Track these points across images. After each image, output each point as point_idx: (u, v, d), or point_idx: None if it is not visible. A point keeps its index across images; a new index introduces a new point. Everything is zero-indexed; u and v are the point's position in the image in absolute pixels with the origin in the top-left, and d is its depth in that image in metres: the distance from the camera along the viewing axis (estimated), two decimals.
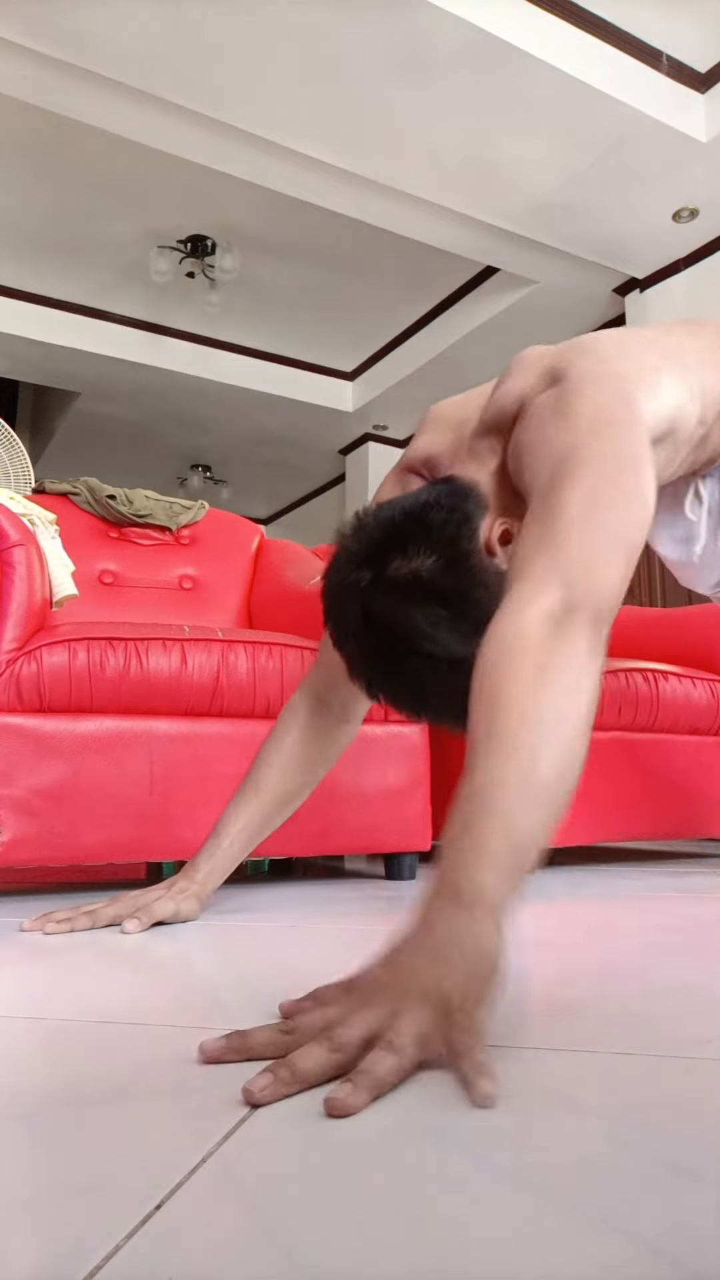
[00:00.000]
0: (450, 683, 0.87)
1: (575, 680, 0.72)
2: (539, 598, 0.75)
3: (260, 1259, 0.34)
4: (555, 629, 0.73)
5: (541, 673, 0.70)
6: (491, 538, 0.97)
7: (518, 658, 0.71)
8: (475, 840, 0.64)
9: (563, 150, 3.28)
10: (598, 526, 0.80)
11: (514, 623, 0.74)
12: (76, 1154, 0.44)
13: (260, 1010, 0.69)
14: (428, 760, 1.68)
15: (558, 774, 0.67)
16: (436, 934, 0.60)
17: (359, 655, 0.94)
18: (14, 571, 1.40)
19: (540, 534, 0.80)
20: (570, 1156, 0.43)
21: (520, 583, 0.77)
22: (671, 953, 0.95)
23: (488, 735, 0.68)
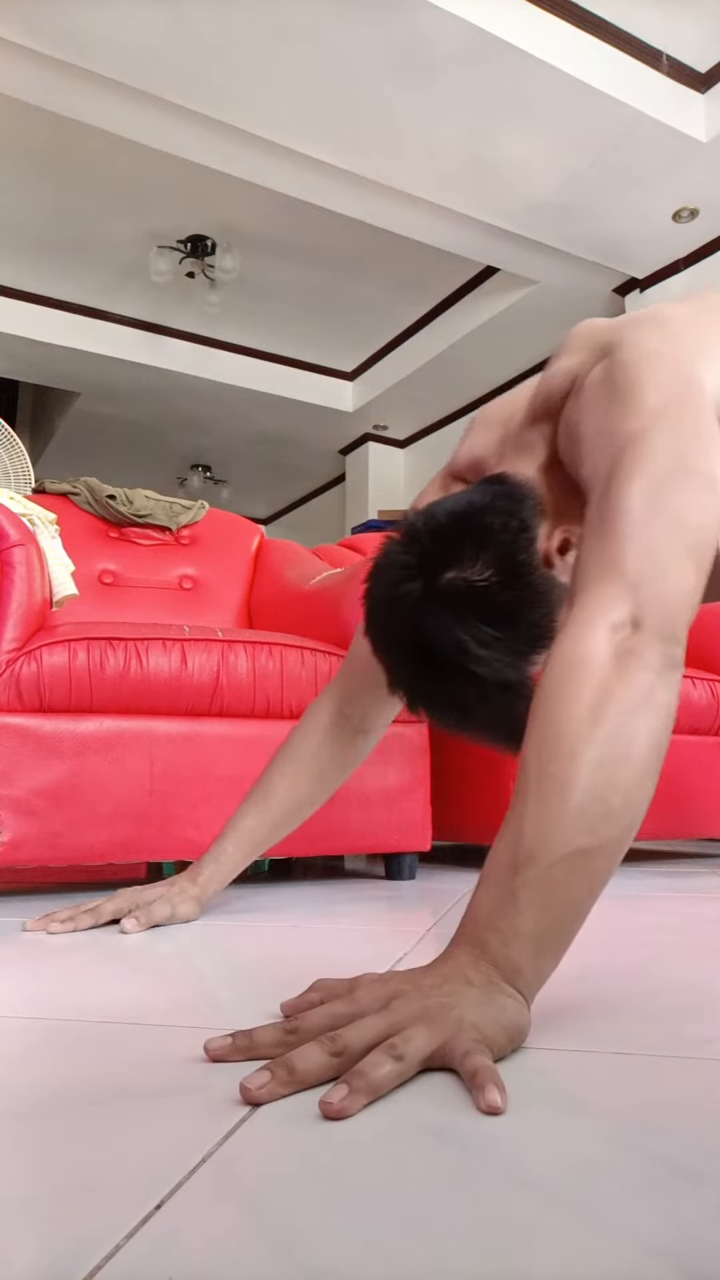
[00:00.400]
0: (499, 706, 0.83)
1: (640, 711, 0.63)
2: (601, 615, 0.67)
3: (260, 1259, 0.34)
4: (620, 650, 0.65)
5: (601, 706, 0.62)
6: (550, 547, 0.91)
7: (576, 687, 0.64)
8: (519, 912, 0.59)
9: (563, 150, 3.28)
10: (664, 527, 0.70)
11: (575, 645, 0.66)
12: (76, 1154, 0.44)
13: (260, 1010, 0.69)
14: (428, 760, 1.68)
15: (613, 830, 0.60)
16: (474, 989, 0.57)
17: (402, 671, 0.88)
18: (14, 571, 1.40)
19: (601, 540, 0.71)
20: (570, 1156, 0.43)
21: (580, 597, 0.69)
22: (671, 953, 0.95)
23: (538, 779, 0.62)
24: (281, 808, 1.15)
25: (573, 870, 0.60)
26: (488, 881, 0.62)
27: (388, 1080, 0.50)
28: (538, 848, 0.60)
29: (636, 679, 0.64)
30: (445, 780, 1.84)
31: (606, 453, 0.77)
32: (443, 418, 5.81)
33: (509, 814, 0.64)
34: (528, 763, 0.64)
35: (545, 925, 0.59)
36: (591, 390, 0.84)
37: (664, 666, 0.66)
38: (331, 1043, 0.53)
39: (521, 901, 0.59)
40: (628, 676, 0.64)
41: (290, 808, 1.15)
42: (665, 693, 0.65)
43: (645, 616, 0.67)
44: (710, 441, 0.76)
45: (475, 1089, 0.50)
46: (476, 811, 1.83)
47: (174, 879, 1.16)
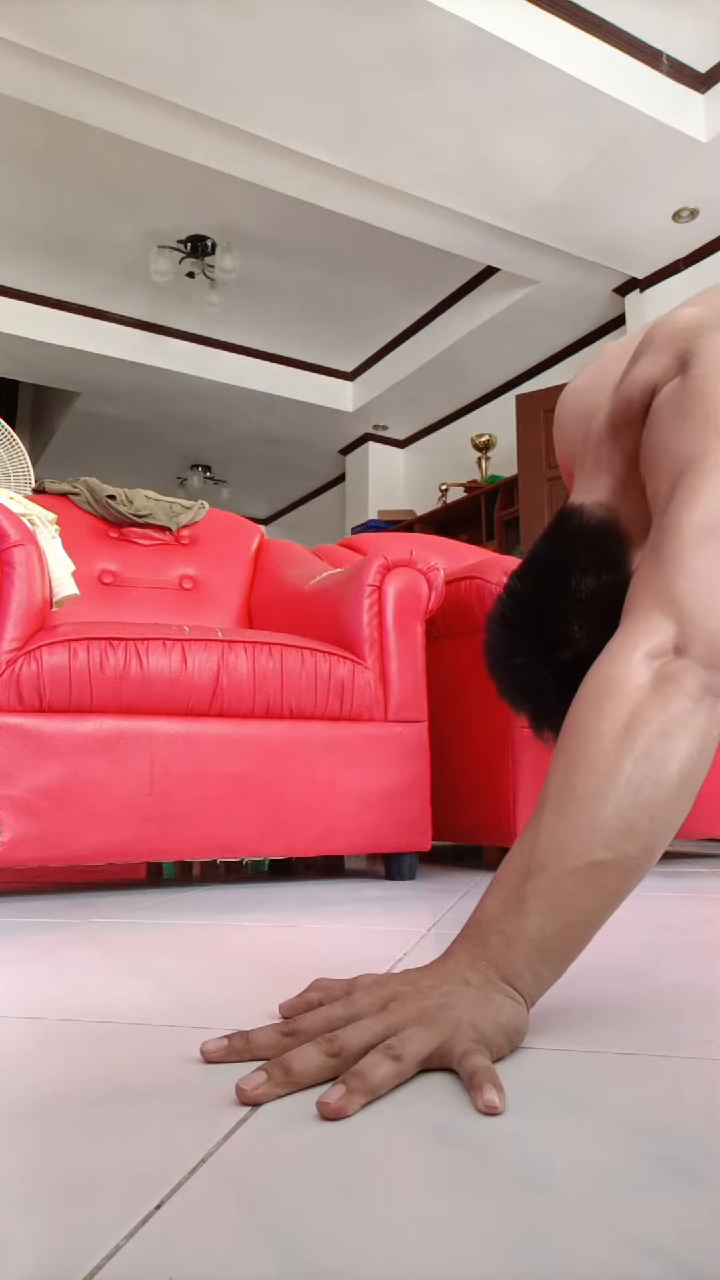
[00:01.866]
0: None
1: (671, 737, 0.62)
2: (644, 637, 0.65)
3: (260, 1259, 0.34)
4: (659, 675, 0.64)
5: (633, 727, 0.61)
6: None
7: (607, 710, 0.63)
8: (529, 920, 0.59)
9: (563, 150, 3.28)
10: (714, 553, 0.67)
11: (611, 666, 0.65)
12: (76, 1154, 0.44)
13: (260, 1010, 0.69)
14: (428, 760, 1.68)
15: (633, 849, 0.59)
16: (473, 989, 0.57)
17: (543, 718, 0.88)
18: (14, 571, 1.40)
19: (654, 564, 0.70)
20: (570, 1156, 0.43)
21: (627, 620, 0.68)
22: (671, 953, 0.95)
23: (560, 790, 0.62)
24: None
25: (585, 883, 0.59)
26: (497, 885, 0.62)
27: (385, 1081, 0.50)
28: (550, 857, 0.60)
29: (674, 703, 0.63)
30: (445, 780, 1.84)
31: (667, 475, 0.75)
32: (443, 418, 5.81)
33: (528, 823, 0.63)
34: (553, 775, 0.63)
35: (550, 932, 0.59)
36: (664, 408, 0.80)
37: (704, 694, 0.64)
38: (329, 1044, 0.53)
39: (529, 906, 0.59)
40: (665, 700, 0.63)
41: None
42: (703, 720, 0.63)
43: (689, 644, 0.65)
44: None
45: (473, 1089, 0.50)
46: (476, 811, 1.83)
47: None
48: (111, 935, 1.06)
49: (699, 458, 0.71)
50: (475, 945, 0.61)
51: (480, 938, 0.61)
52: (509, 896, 0.61)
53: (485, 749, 1.82)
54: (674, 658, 0.64)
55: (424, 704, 1.69)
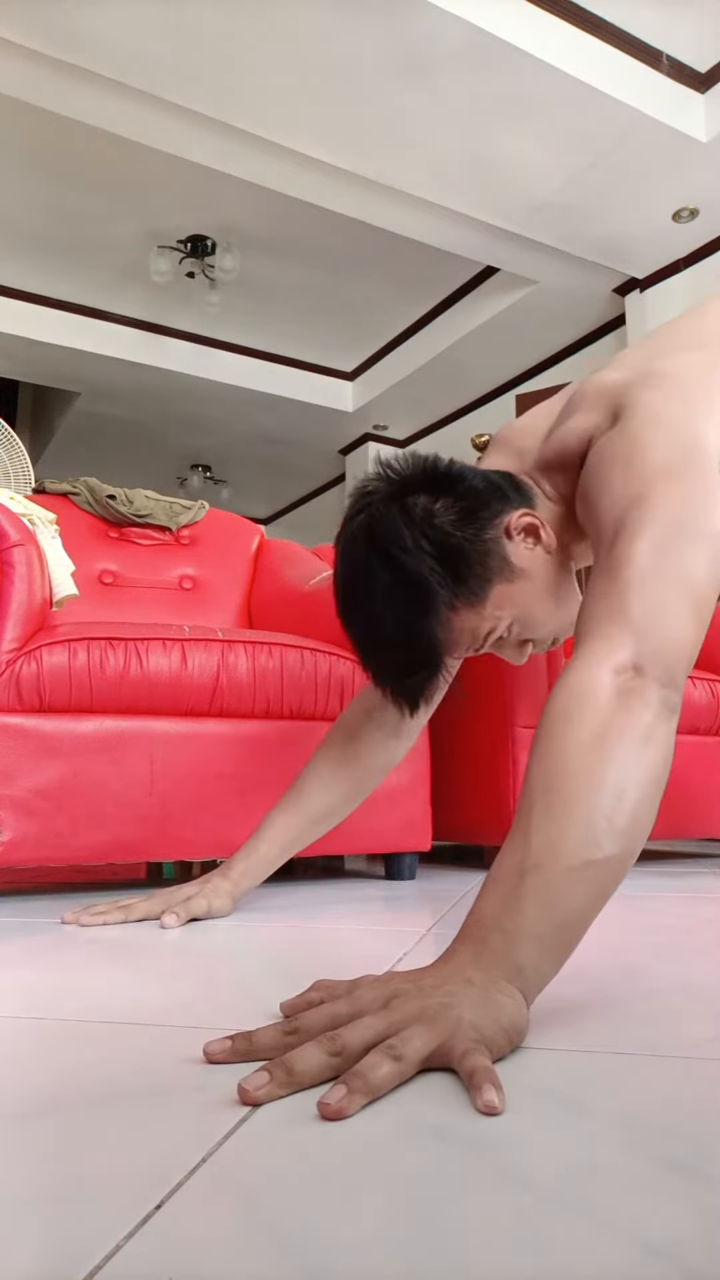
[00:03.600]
0: (405, 616, 0.91)
1: (641, 746, 0.67)
2: (606, 657, 0.71)
3: (260, 1259, 0.34)
4: (622, 690, 0.69)
5: (604, 738, 0.66)
6: (513, 523, 0.98)
7: (581, 720, 0.67)
8: (524, 915, 0.61)
9: (563, 150, 3.28)
10: (665, 580, 0.75)
11: (579, 681, 0.70)
12: (76, 1154, 0.44)
13: (260, 1010, 0.69)
14: (428, 760, 1.68)
15: (616, 848, 0.63)
16: (474, 988, 0.58)
17: (345, 559, 0.98)
18: (14, 571, 1.40)
19: (607, 589, 0.77)
20: (570, 1156, 0.43)
21: (586, 640, 0.74)
22: (671, 953, 0.95)
23: (545, 795, 0.65)
24: (314, 811, 1.19)
25: (578, 880, 0.62)
26: (493, 885, 0.64)
27: (386, 1081, 0.51)
28: (545, 857, 0.62)
29: (638, 714, 0.68)
30: (445, 780, 1.84)
31: (610, 512, 0.83)
32: (443, 418, 5.81)
33: (513, 828, 0.66)
34: (533, 781, 0.67)
35: (549, 928, 0.61)
36: (599, 460, 0.90)
37: (662, 709, 0.70)
38: (330, 1043, 0.53)
39: (527, 904, 0.61)
40: (630, 711, 0.68)
41: (324, 811, 1.20)
42: (663, 732, 0.69)
43: (646, 664, 0.71)
44: (712, 504, 0.81)
45: (473, 1089, 0.50)
46: (476, 811, 1.83)
47: (208, 876, 1.20)
48: (111, 935, 1.06)
49: (643, 496, 0.80)
50: (476, 944, 0.61)
51: (481, 936, 0.62)
52: (506, 894, 0.63)
53: (485, 749, 1.82)
54: (634, 675, 0.71)
55: None
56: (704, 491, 0.81)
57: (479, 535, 0.95)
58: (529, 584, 0.99)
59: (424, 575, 0.91)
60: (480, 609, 0.97)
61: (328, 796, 1.19)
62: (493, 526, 0.97)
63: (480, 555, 0.95)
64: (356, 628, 0.98)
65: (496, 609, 0.98)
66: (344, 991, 0.62)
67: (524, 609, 1.00)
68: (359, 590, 0.96)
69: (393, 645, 0.95)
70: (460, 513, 0.95)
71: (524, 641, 1.05)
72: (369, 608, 0.95)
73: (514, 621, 1.01)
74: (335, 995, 0.62)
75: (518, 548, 0.99)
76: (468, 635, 0.99)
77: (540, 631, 1.04)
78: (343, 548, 0.99)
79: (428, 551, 0.92)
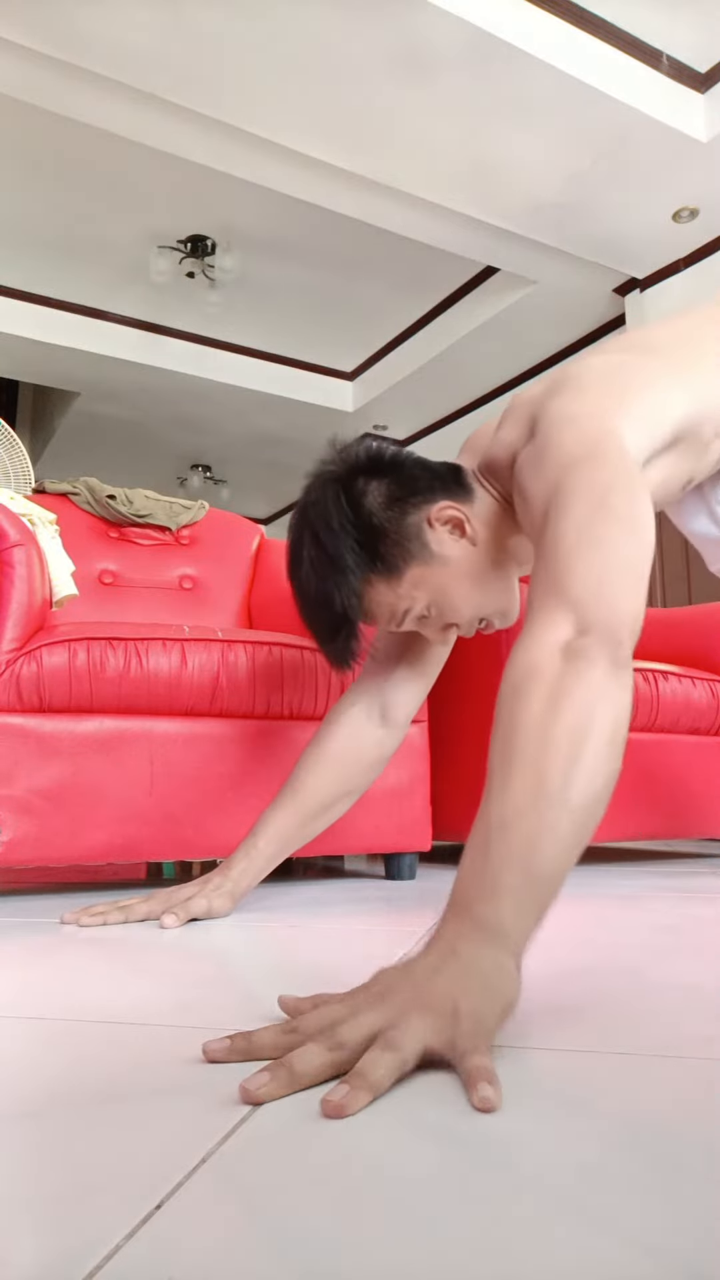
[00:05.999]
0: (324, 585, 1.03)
1: (592, 704, 0.70)
2: (549, 630, 0.76)
3: (260, 1259, 0.34)
4: (567, 656, 0.73)
5: (555, 700, 0.70)
6: (435, 514, 1.07)
7: (531, 688, 0.71)
8: (498, 873, 0.63)
9: (563, 150, 3.28)
10: (595, 552, 0.80)
11: (526, 656, 0.74)
12: (76, 1154, 0.44)
13: (260, 1010, 0.69)
14: (428, 760, 1.68)
15: (581, 801, 0.65)
16: (460, 959, 0.60)
17: (290, 533, 1.09)
18: (14, 571, 1.40)
19: (544, 570, 0.82)
20: (570, 1156, 0.43)
21: (531, 619, 0.79)
22: (671, 953, 0.95)
23: (505, 762, 0.68)
24: (311, 805, 1.22)
25: (543, 832, 0.64)
26: (467, 855, 0.67)
27: (388, 1075, 0.51)
28: (508, 814, 0.65)
29: (586, 674, 0.72)
30: (445, 780, 1.84)
31: (538, 510, 0.89)
32: (443, 418, 5.81)
33: (483, 800, 0.69)
34: (494, 753, 0.71)
35: (522, 881, 0.63)
36: (525, 467, 0.97)
37: (611, 664, 0.74)
38: (329, 1038, 0.54)
39: (497, 862, 0.64)
40: (578, 672, 0.72)
41: (320, 804, 1.23)
42: (614, 686, 0.73)
43: (589, 626, 0.76)
44: (627, 481, 0.86)
45: (469, 1087, 0.50)
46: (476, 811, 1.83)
47: (208, 876, 1.20)
48: (111, 935, 1.06)
49: (559, 485, 0.87)
50: (458, 916, 0.64)
51: (462, 907, 0.64)
52: (478, 858, 0.65)
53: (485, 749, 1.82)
54: (576, 641, 0.74)
55: (424, 704, 1.69)
56: (615, 473, 0.86)
57: (402, 519, 1.05)
58: (446, 570, 1.07)
59: (342, 552, 1.02)
60: (396, 585, 1.06)
61: (322, 791, 1.22)
62: (417, 511, 1.06)
63: (400, 537, 1.04)
64: (295, 592, 1.10)
65: (412, 588, 1.06)
66: (342, 998, 0.63)
67: (439, 593, 1.08)
68: (295, 560, 1.08)
69: (316, 609, 1.06)
70: (389, 496, 1.05)
71: (447, 625, 1.12)
72: (300, 577, 1.07)
73: (430, 604, 1.08)
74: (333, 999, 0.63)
75: (439, 535, 1.07)
76: (385, 609, 1.08)
77: (459, 616, 1.10)
78: (292, 520, 1.11)
79: (351, 534, 1.03)
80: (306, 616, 1.10)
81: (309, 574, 1.06)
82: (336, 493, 1.05)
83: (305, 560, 1.06)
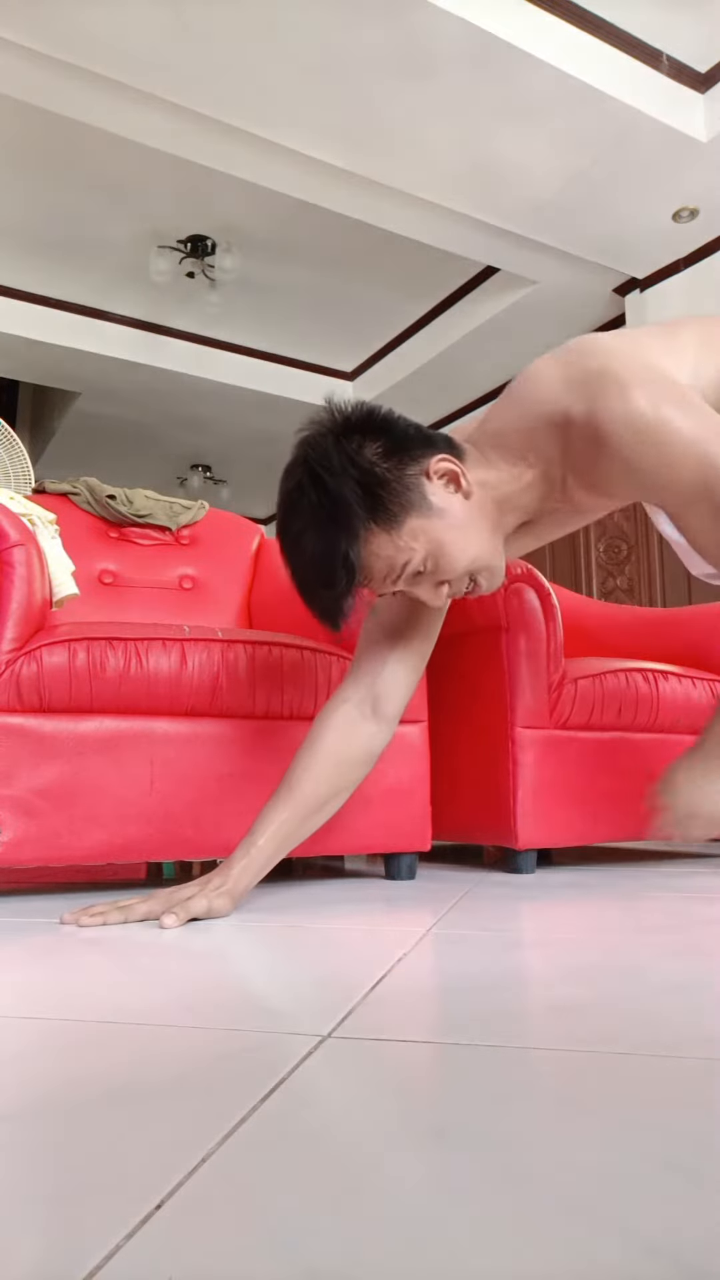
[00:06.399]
0: (326, 532, 1.03)
1: None
2: None
3: (260, 1259, 0.34)
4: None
5: None
6: (433, 466, 1.09)
7: None
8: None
9: (563, 150, 3.28)
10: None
11: None
12: (77, 1154, 0.44)
13: (260, 1010, 0.69)
14: (428, 760, 1.68)
15: None
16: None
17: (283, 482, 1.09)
18: (14, 571, 1.40)
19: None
20: (570, 1156, 0.43)
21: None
22: (671, 953, 0.95)
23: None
24: (308, 802, 1.23)
25: None
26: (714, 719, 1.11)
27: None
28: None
29: None
30: (445, 780, 1.84)
31: (682, 472, 1.06)
32: (443, 418, 5.81)
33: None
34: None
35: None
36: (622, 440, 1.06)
37: None
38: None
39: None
40: None
41: (317, 801, 1.24)
42: None
43: None
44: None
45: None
46: (476, 811, 1.83)
47: (207, 876, 1.21)
48: (111, 935, 1.06)
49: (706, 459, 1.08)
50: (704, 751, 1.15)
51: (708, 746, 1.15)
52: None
53: (485, 749, 1.82)
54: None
55: (424, 704, 1.69)
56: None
57: (402, 470, 1.07)
58: (443, 522, 1.09)
59: (345, 495, 1.03)
60: (395, 536, 1.07)
61: (319, 789, 1.24)
62: (415, 464, 1.08)
63: (400, 488, 1.06)
64: (288, 545, 1.09)
65: (411, 540, 1.08)
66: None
67: (437, 544, 1.09)
68: (291, 510, 1.08)
69: (314, 558, 1.05)
70: (386, 449, 1.07)
71: (440, 582, 1.13)
72: (299, 526, 1.06)
73: (428, 556, 1.10)
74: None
75: (436, 488, 1.10)
76: (384, 562, 1.08)
77: (454, 570, 1.12)
78: (284, 474, 1.10)
79: (352, 476, 1.04)
80: (302, 567, 1.08)
81: (308, 521, 1.05)
82: (337, 440, 1.06)
83: (305, 507, 1.05)
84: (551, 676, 1.81)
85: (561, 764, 1.80)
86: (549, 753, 1.79)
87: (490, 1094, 0.52)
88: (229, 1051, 0.60)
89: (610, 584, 3.88)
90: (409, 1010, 0.72)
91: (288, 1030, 0.64)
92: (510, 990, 0.77)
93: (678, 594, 3.59)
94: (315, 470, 1.05)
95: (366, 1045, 0.61)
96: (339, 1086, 0.54)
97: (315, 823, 1.26)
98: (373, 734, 1.29)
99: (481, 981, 0.80)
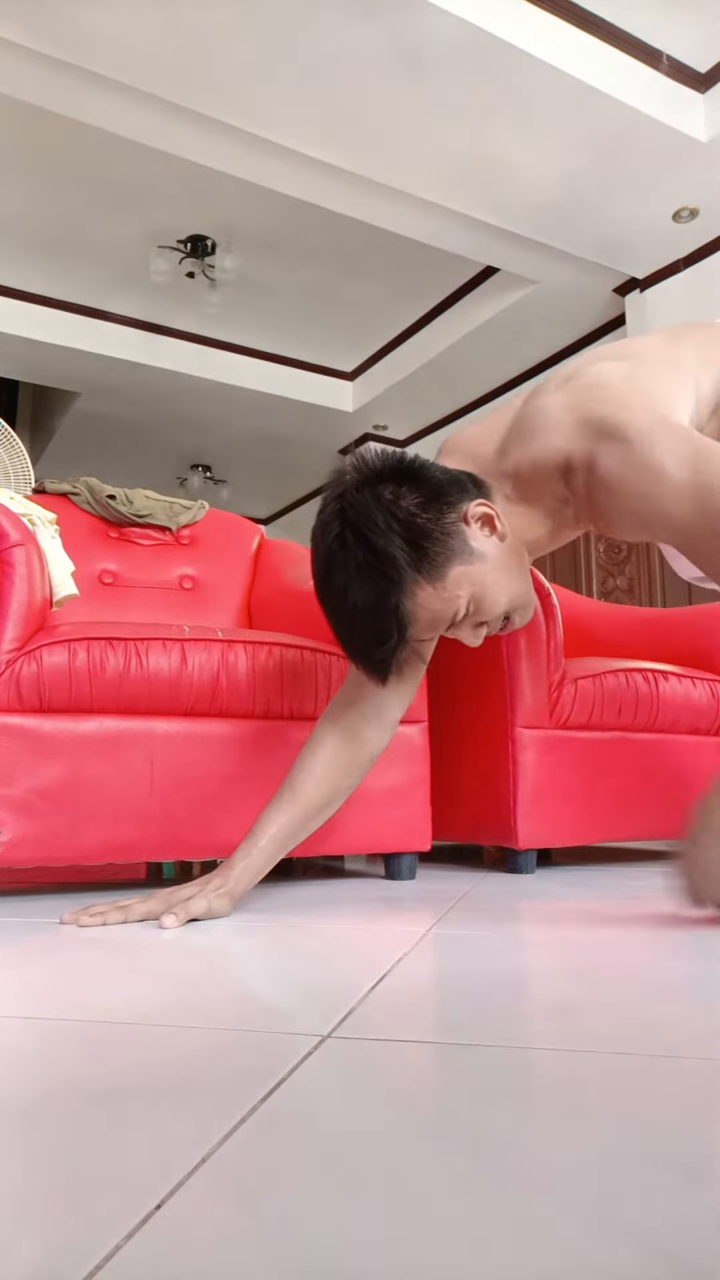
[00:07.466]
0: (376, 588, 1.02)
1: None
2: None
3: (260, 1259, 0.34)
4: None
5: None
6: (471, 511, 1.10)
7: None
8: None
9: (563, 150, 3.28)
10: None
11: None
12: (77, 1154, 0.44)
13: (260, 1010, 0.69)
14: (428, 760, 1.68)
15: None
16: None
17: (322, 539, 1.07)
18: (14, 571, 1.40)
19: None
20: (570, 1156, 0.43)
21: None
22: (671, 952, 0.95)
23: None
24: (308, 805, 1.24)
25: None
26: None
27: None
28: None
29: None
30: (445, 780, 1.84)
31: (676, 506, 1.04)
32: (442, 418, 5.81)
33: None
34: None
35: None
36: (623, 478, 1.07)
37: None
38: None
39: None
40: None
41: (318, 805, 1.25)
42: None
43: None
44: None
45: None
46: (476, 811, 1.83)
47: (207, 876, 1.21)
48: (111, 935, 1.06)
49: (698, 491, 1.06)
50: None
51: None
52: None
53: (485, 749, 1.82)
54: None
55: (424, 704, 1.69)
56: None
57: (441, 519, 1.07)
58: (485, 565, 1.11)
59: (393, 552, 1.02)
60: (441, 588, 1.07)
61: (319, 790, 1.24)
62: (453, 510, 1.08)
63: (443, 536, 1.06)
64: (332, 600, 1.08)
65: (456, 588, 1.08)
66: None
67: (480, 587, 1.11)
68: (335, 566, 1.06)
69: (364, 615, 1.05)
70: (423, 500, 1.06)
71: (479, 624, 1.16)
72: (344, 581, 1.05)
73: (470, 600, 1.11)
74: None
75: (475, 532, 1.11)
76: (428, 615, 1.09)
77: (495, 611, 1.14)
78: (320, 529, 1.08)
79: (397, 532, 1.03)
80: (349, 623, 1.08)
81: (353, 577, 1.04)
82: (376, 496, 1.05)
83: (351, 565, 1.04)
84: (552, 676, 1.81)
85: (561, 764, 1.80)
86: (549, 753, 1.79)
87: (490, 1094, 0.52)
88: (229, 1051, 0.60)
89: (610, 584, 3.88)
90: (409, 1010, 0.72)
91: (288, 1030, 0.64)
92: (510, 990, 0.77)
93: (678, 594, 3.59)
94: (357, 525, 1.04)
95: (366, 1045, 0.61)
96: (339, 1086, 0.54)
97: (315, 825, 1.27)
98: (373, 739, 1.30)
99: (481, 981, 0.80)
